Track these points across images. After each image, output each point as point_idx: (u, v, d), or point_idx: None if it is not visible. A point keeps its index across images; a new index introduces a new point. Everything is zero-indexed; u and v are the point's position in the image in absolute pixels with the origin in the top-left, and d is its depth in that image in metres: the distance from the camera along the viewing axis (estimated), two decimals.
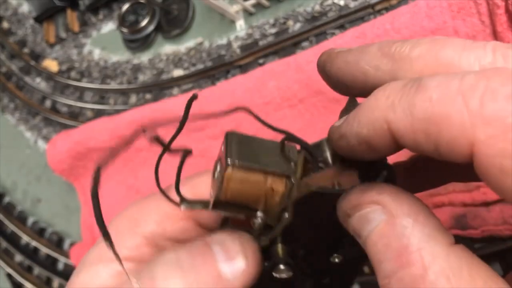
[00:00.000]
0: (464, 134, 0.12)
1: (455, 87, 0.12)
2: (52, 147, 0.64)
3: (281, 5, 0.55)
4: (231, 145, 0.18)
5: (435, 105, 0.12)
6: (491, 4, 0.39)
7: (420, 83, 0.13)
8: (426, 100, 0.13)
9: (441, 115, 0.12)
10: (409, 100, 0.13)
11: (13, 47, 0.83)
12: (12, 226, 0.70)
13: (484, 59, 0.14)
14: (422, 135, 0.13)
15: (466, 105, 0.12)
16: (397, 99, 0.14)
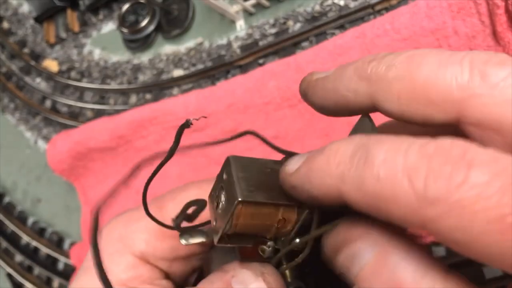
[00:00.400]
0: (414, 213, 0.12)
1: (400, 166, 0.13)
2: (52, 147, 0.64)
3: (281, 5, 0.55)
4: (237, 176, 0.17)
5: (382, 185, 0.13)
6: (491, 4, 0.39)
7: (368, 155, 0.14)
8: (374, 177, 0.13)
9: (389, 195, 0.13)
10: (358, 175, 0.14)
11: (13, 47, 0.83)
12: (12, 226, 0.71)
13: (461, 77, 0.14)
14: (374, 209, 0.14)
15: (412, 187, 0.12)
16: (347, 170, 0.14)
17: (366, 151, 0.14)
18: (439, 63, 0.14)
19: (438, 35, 0.42)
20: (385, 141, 0.14)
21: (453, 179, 0.12)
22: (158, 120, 0.57)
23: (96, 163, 0.64)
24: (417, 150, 0.13)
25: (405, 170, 0.13)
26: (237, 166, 0.17)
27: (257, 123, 0.52)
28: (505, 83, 0.13)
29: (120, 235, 0.20)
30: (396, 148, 0.13)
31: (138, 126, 0.58)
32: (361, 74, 0.17)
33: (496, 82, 0.13)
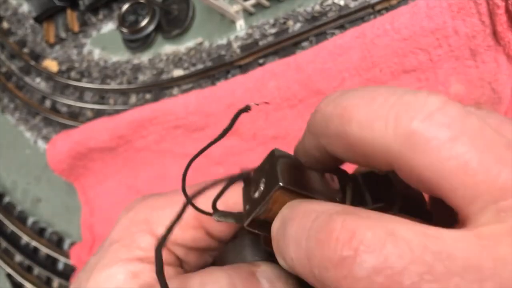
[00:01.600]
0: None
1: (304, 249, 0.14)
2: (52, 147, 0.64)
3: (281, 5, 0.55)
4: (281, 165, 0.17)
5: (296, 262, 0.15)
6: (491, 4, 0.39)
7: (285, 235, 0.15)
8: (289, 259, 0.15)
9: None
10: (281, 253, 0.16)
11: (13, 47, 0.83)
12: (12, 226, 0.70)
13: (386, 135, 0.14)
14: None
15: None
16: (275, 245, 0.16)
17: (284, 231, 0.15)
18: (366, 117, 0.14)
19: (438, 35, 0.42)
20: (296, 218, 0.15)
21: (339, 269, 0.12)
22: (158, 120, 0.57)
23: (96, 163, 0.64)
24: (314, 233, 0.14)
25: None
26: (281, 157, 0.18)
27: (257, 123, 0.52)
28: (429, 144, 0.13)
29: (145, 218, 0.20)
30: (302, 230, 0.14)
31: (138, 126, 0.58)
32: (311, 131, 0.17)
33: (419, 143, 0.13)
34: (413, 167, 0.13)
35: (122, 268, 0.19)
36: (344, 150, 0.15)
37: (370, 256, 0.12)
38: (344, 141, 0.15)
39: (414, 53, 0.43)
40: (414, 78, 0.45)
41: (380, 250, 0.12)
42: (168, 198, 0.21)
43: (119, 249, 0.19)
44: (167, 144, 0.58)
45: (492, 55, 0.41)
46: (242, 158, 0.53)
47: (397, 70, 0.44)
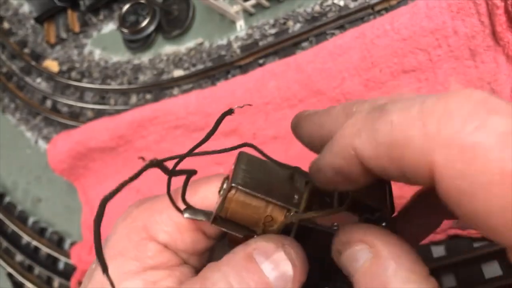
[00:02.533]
0: (424, 157, 0.12)
1: (416, 111, 0.12)
2: (52, 147, 0.64)
3: (281, 6, 0.55)
4: (239, 167, 0.18)
5: (396, 129, 0.13)
6: (491, 4, 0.39)
7: (384, 108, 0.13)
8: (388, 124, 0.13)
9: (402, 139, 0.12)
10: (372, 125, 0.13)
11: (14, 47, 0.83)
12: (12, 226, 0.71)
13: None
14: (387, 159, 0.13)
15: (424, 129, 0.12)
16: (362, 125, 0.14)
17: (381, 107, 0.14)
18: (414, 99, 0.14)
19: (438, 35, 0.42)
20: (402, 98, 0.13)
21: (470, 121, 0.11)
22: (158, 120, 0.57)
23: (96, 163, 0.64)
24: (435, 97, 0.12)
25: (420, 113, 0.12)
26: (243, 161, 0.19)
27: (257, 123, 0.52)
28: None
29: (144, 225, 0.20)
30: (413, 100, 0.13)
31: (139, 126, 0.58)
32: (347, 112, 0.17)
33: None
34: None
35: (139, 280, 0.19)
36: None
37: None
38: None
39: (413, 53, 0.43)
40: (414, 78, 0.45)
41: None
42: (163, 202, 0.21)
43: (127, 262, 0.19)
44: (167, 144, 0.58)
45: (492, 55, 0.41)
46: None
47: (396, 70, 0.44)
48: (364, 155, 0.14)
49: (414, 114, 0.12)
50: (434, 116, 0.12)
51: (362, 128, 0.14)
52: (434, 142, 0.12)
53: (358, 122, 0.14)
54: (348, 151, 0.14)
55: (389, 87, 0.46)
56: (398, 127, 0.12)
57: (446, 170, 0.11)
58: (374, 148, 0.13)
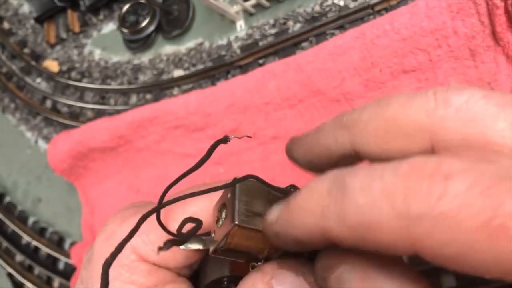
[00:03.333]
0: (401, 236, 0.12)
1: (378, 191, 0.13)
2: (52, 147, 0.64)
3: (281, 6, 0.55)
4: (239, 199, 0.17)
5: (364, 213, 0.13)
6: (491, 4, 0.39)
7: (344, 187, 0.14)
8: (354, 208, 0.13)
9: (373, 222, 0.13)
10: (338, 208, 0.14)
11: (14, 47, 0.83)
12: (12, 226, 0.71)
13: (428, 105, 0.15)
14: (360, 241, 0.13)
15: (394, 209, 0.12)
16: (326, 206, 0.14)
17: (341, 184, 0.14)
18: (405, 100, 0.16)
19: (438, 35, 0.42)
20: (358, 171, 0.14)
21: (433, 193, 0.12)
22: (158, 120, 0.57)
23: (96, 163, 0.64)
24: (391, 172, 0.13)
25: (384, 193, 0.13)
26: (242, 189, 0.18)
27: (257, 123, 0.52)
28: (467, 105, 0.14)
29: (132, 247, 0.20)
30: (371, 175, 0.13)
31: (139, 126, 0.58)
32: (339, 124, 0.18)
33: (459, 105, 0.14)
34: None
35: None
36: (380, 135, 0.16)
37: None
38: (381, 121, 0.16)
39: (413, 53, 0.43)
40: (414, 78, 0.45)
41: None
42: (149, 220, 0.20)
43: (123, 286, 0.19)
44: (167, 144, 0.58)
45: (492, 56, 0.41)
46: (242, 157, 0.53)
47: (396, 70, 0.45)
48: (334, 236, 0.14)
49: (377, 195, 0.13)
50: (399, 196, 0.12)
51: (327, 210, 0.14)
52: (409, 221, 0.12)
53: (320, 201, 0.14)
54: (314, 230, 0.15)
55: (389, 87, 0.46)
56: (366, 209, 0.13)
57: (428, 242, 0.12)
58: (345, 231, 0.13)
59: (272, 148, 0.51)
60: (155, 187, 0.59)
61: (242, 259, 0.19)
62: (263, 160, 0.52)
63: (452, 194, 0.11)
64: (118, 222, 0.21)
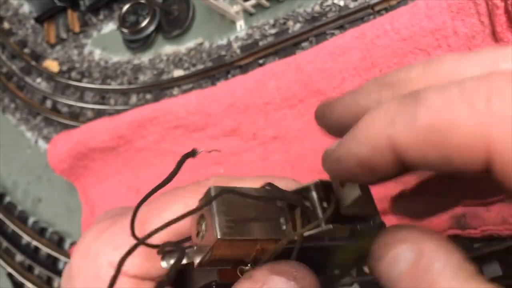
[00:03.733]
0: (476, 136, 0.11)
1: (456, 93, 0.12)
2: (52, 147, 0.64)
3: (281, 6, 0.55)
4: (219, 210, 0.17)
5: (439, 112, 0.12)
6: (491, 4, 0.39)
7: (419, 94, 0.13)
8: (429, 109, 0.12)
9: (448, 122, 0.11)
10: (410, 112, 0.12)
11: (14, 47, 0.83)
12: (12, 226, 0.71)
13: (484, 63, 0.13)
14: (430, 147, 0.12)
15: (472, 107, 0.11)
16: (396, 113, 0.13)
17: (415, 94, 0.13)
18: (459, 57, 0.13)
19: (438, 35, 0.42)
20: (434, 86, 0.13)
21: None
22: (158, 120, 0.57)
23: (96, 163, 0.64)
24: (471, 79, 0.12)
25: (462, 94, 0.11)
26: (219, 199, 0.17)
27: (257, 123, 0.52)
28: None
29: (110, 262, 0.19)
30: (448, 84, 0.12)
31: (139, 126, 0.58)
32: (382, 83, 0.15)
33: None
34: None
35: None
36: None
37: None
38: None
39: (413, 53, 0.43)
40: None
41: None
42: (122, 233, 0.19)
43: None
44: (167, 144, 0.58)
45: None
46: (242, 158, 0.53)
47: None
48: (402, 144, 0.13)
49: (455, 96, 0.12)
50: (480, 94, 0.11)
51: (397, 116, 0.13)
52: (488, 119, 0.11)
53: (390, 110, 0.13)
54: (380, 141, 0.13)
55: None
56: (441, 109, 0.12)
57: (507, 147, 0.11)
58: (414, 136, 0.12)
59: (272, 148, 0.51)
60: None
61: (229, 266, 0.18)
62: (263, 160, 0.52)
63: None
64: (93, 236, 0.20)
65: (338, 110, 0.17)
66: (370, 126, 0.14)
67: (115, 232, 0.19)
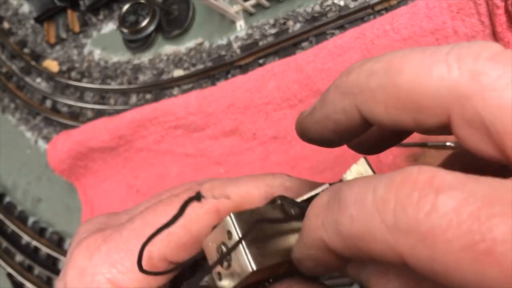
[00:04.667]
0: (390, 248, 0.12)
1: (370, 203, 0.13)
2: (52, 147, 0.64)
3: (281, 6, 0.55)
4: (246, 242, 0.16)
5: (357, 225, 0.13)
6: (491, 4, 0.39)
7: (340, 199, 0.14)
8: (348, 219, 0.13)
9: (365, 233, 0.13)
10: (334, 220, 0.14)
11: (14, 47, 0.83)
12: (12, 226, 0.71)
13: (449, 77, 0.13)
14: (355, 251, 0.13)
15: (383, 221, 0.12)
16: (325, 218, 0.14)
17: (338, 197, 0.14)
18: (421, 64, 0.14)
19: (438, 35, 0.42)
20: (354, 183, 0.14)
21: (422, 207, 0.11)
22: (158, 120, 0.57)
23: (96, 163, 0.64)
24: (384, 184, 0.13)
25: (375, 205, 0.13)
26: (241, 226, 0.16)
27: (257, 123, 0.52)
28: (498, 83, 0.12)
29: (108, 279, 0.19)
30: (365, 187, 0.13)
31: (139, 126, 0.58)
32: (343, 91, 0.16)
33: (488, 82, 0.12)
34: (478, 110, 0.12)
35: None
36: (386, 107, 0.14)
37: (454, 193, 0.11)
38: (392, 94, 0.14)
39: None
40: None
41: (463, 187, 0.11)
42: (120, 247, 0.19)
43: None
44: (167, 144, 0.58)
45: None
46: (242, 158, 0.53)
47: None
48: (335, 248, 0.14)
49: (369, 207, 0.13)
50: (388, 208, 0.12)
51: (326, 222, 0.14)
52: (396, 234, 0.12)
53: (320, 213, 0.15)
54: (319, 244, 0.15)
55: None
56: (358, 222, 0.13)
57: (415, 257, 0.12)
58: (341, 241, 0.14)
59: (272, 148, 0.51)
60: (154, 187, 0.59)
61: (257, 287, 0.18)
62: (263, 160, 0.52)
63: (441, 211, 0.11)
64: (87, 255, 0.19)
65: (314, 128, 0.18)
66: (309, 229, 0.15)
67: (110, 249, 0.19)
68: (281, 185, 0.20)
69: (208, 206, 0.19)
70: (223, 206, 0.19)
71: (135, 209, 0.22)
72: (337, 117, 0.16)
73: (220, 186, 0.19)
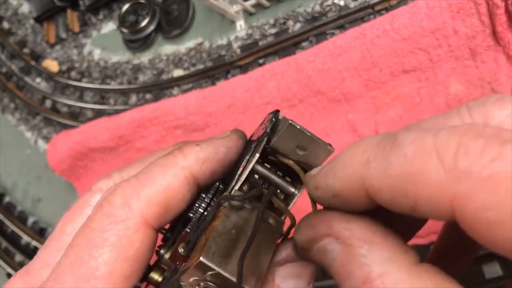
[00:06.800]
0: (443, 190, 0.12)
1: (430, 144, 0.12)
2: (52, 147, 0.64)
3: (281, 5, 0.55)
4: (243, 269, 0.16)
5: (410, 163, 0.12)
6: (491, 4, 0.39)
7: (395, 139, 0.13)
8: (401, 157, 0.13)
9: (418, 173, 0.12)
10: (384, 157, 0.13)
11: (14, 47, 0.83)
12: (12, 226, 0.71)
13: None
14: (399, 193, 0.13)
15: (441, 162, 0.12)
16: (372, 155, 0.14)
17: (392, 137, 0.13)
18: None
19: (438, 35, 0.42)
20: (412, 129, 0.13)
21: (486, 153, 0.11)
22: (158, 120, 0.57)
23: (96, 163, 0.64)
24: (447, 131, 0.12)
25: (434, 146, 0.12)
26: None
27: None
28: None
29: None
30: (425, 132, 0.13)
31: (138, 126, 0.58)
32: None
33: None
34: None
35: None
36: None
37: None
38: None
39: (414, 53, 0.43)
40: (414, 78, 0.45)
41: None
42: (90, 264, 0.18)
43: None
44: (167, 144, 0.58)
45: (492, 55, 0.41)
46: None
47: (397, 70, 0.44)
48: (374, 187, 0.13)
49: (428, 148, 0.12)
50: (450, 150, 0.12)
51: (373, 159, 0.13)
52: (453, 176, 0.11)
53: (367, 150, 0.14)
54: (354, 179, 0.14)
55: (389, 87, 0.46)
56: (413, 160, 0.12)
57: (469, 202, 0.11)
58: (385, 181, 0.13)
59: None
60: None
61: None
62: None
63: (508, 158, 0.11)
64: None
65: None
66: (347, 163, 0.14)
67: (82, 265, 0.18)
68: (197, 160, 0.19)
69: (133, 223, 0.17)
70: (149, 214, 0.17)
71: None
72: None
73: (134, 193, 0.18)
